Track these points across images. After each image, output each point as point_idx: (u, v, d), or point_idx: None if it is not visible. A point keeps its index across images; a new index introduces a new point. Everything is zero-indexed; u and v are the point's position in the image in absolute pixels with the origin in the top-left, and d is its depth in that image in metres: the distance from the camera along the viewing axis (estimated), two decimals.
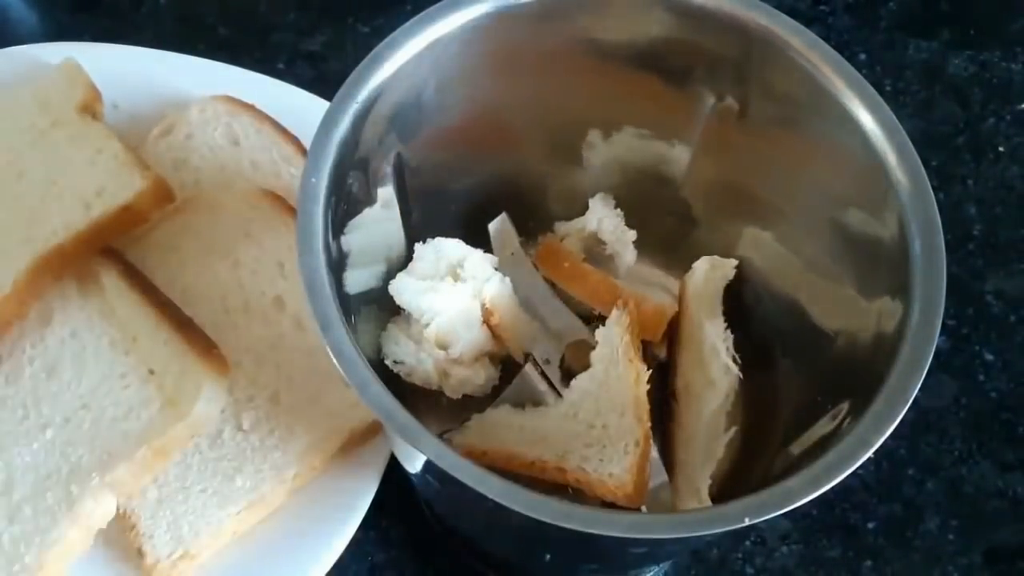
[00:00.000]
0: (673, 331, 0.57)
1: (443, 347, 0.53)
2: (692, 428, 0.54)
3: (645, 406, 0.50)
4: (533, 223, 0.59)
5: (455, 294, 0.53)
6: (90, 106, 0.64)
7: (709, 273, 0.56)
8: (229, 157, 0.64)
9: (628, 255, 0.60)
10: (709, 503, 0.51)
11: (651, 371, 0.51)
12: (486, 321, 0.54)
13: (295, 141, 0.65)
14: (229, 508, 0.54)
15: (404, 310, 0.54)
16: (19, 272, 0.56)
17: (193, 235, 0.61)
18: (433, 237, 0.55)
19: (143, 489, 0.54)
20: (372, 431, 0.56)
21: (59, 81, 0.64)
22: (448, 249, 0.55)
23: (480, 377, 0.54)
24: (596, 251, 0.59)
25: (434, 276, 0.54)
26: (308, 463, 0.55)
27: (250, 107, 0.66)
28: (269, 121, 0.66)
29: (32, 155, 0.61)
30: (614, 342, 0.52)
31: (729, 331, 0.55)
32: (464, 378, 0.54)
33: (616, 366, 0.52)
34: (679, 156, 0.56)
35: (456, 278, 0.54)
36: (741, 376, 0.54)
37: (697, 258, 0.56)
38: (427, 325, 0.53)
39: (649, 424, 0.50)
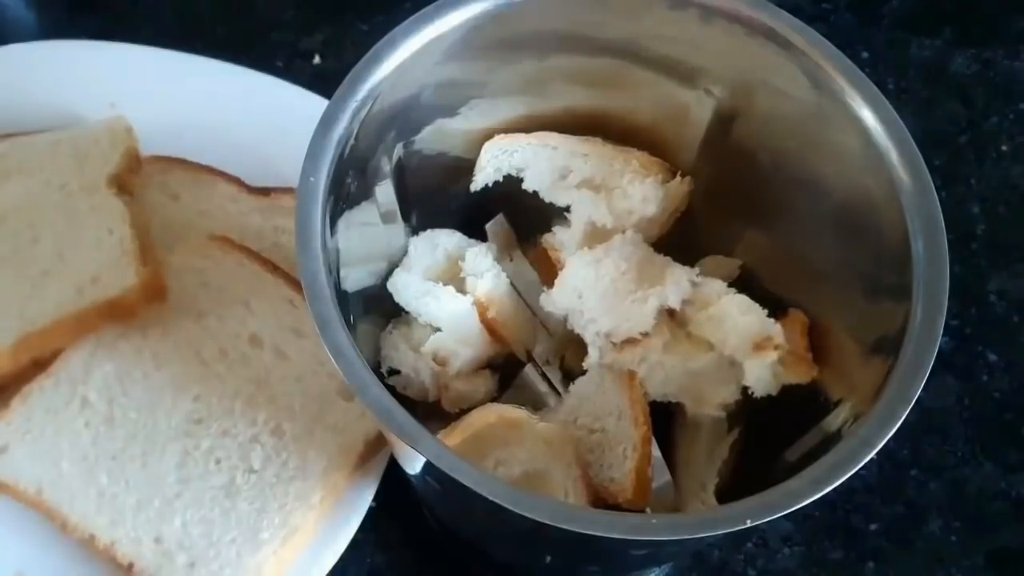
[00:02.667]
0: None
1: (441, 363, 0.53)
2: (695, 428, 0.54)
3: (642, 408, 0.50)
4: (532, 224, 0.59)
5: (455, 303, 0.52)
6: (121, 177, 0.63)
7: (712, 273, 0.55)
8: (173, 213, 0.64)
9: None
10: (715, 503, 0.51)
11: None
12: (481, 317, 0.53)
13: (236, 180, 0.65)
14: (264, 549, 0.53)
15: (404, 311, 0.54)
16: (5, 345, 0.56)
17: None
18: None
19: (170, 554, 0.53)
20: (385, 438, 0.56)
21: (102, 138, 0.63)
22: (444, 240, 0.55)
23: (479, 392, 0.54)
24: None
25: (432, 268, 0.54)
26: (331, 483, 0.55)
27: (179, 160, 0.65)
28: (204, 169, 0.65)
29: (53, 218, 0.60)
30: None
31: None
32: (463, 393, 0.53)
33: (611, 369, 0.51)
34: (681, 155, 0.56)
35: (455, 273, 0.53)
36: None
37: (699, 258, 0.56)
38: (426, 326, 0.52)
39: (647, 427, 0.50)
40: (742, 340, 0.50)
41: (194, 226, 0.63)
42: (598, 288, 0.52)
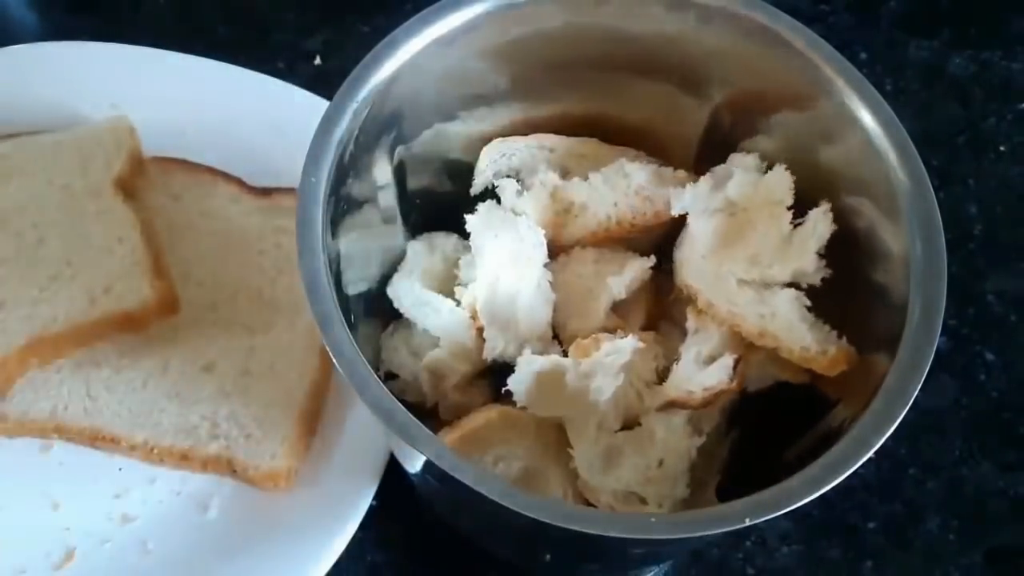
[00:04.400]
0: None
1: (439, 378, 0.53)
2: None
3: None
4: None
5: (453, 316, 0.52)
6: (128, 180, 0.63)
7: None
8: (174, 214, 0.64)
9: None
10: (715, 501, 0.51)
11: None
12: (476, 324, 0.53)
13: (237, 181, 0.65)
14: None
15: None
16: (12, 348, 0.56)
17: None
18: None
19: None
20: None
21: (106, 139, 0.63)
22: (442, 242, 0.55)
23: (475, 403, 0.53)
24: None
25: (430, 271, 0.54)
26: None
27: (180, 161, 0.65)
28: (205, 170, 0.65)
29: (57, 220, 0.61)
30: None
31: None
32: (459, 403, 0.53)
33: None
34: (679, 155, 0.56)
35: (454, 276, 0.53)
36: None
37: None
38: (425, 330, 0.52)
39: None
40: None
41: (195, 227, 0.63)
42: (563, 295, 0.52)
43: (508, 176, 0.54)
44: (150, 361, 0.59)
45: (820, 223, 0.49)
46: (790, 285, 0.49)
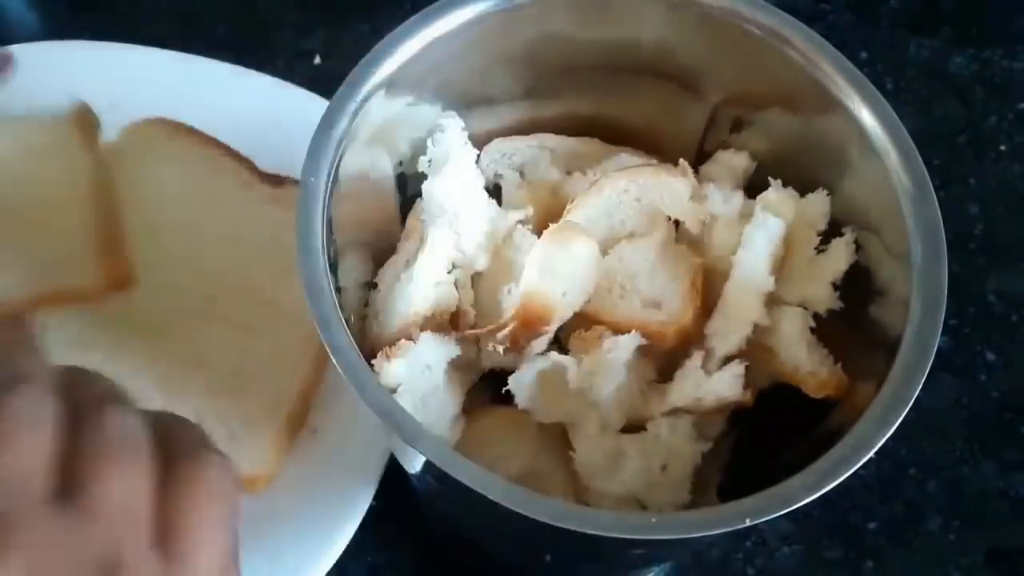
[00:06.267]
0: None
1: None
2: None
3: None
4: None
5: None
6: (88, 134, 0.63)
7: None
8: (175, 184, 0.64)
9: None
10: (716, 501, 0.51)
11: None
12: None
13: (248, 163, 0.65)
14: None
15: None
16: None
17: None
18: None
19: None
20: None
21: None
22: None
23: (476, 405, 0.53)
24: None
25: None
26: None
27: (192, 131, 0.65)
28: (212, 142, 0.65)
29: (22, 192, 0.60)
30: None
31: None
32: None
33: None
34: (678, 155, 0.56)
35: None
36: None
37: None
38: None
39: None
40: None
41: (197, 206, 0.63)
42: None
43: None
44: (141, 349, 0.58)
45: (839, 253, 0.48)
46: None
